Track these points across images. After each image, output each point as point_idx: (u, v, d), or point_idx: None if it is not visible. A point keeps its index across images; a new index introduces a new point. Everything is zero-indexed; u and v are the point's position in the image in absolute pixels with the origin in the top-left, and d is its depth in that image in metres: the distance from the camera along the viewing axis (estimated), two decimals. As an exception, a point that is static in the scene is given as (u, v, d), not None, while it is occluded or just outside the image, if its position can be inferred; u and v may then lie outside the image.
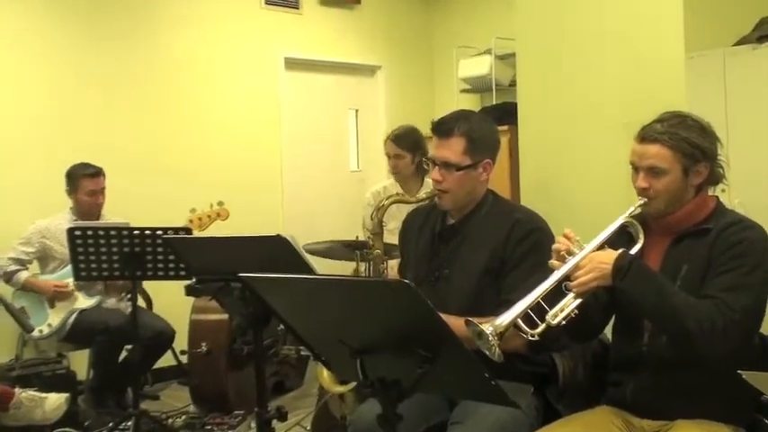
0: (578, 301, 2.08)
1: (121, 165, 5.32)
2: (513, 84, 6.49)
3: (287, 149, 6.54)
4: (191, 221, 4.39)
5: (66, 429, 3.83)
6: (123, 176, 5.21)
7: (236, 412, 4.38)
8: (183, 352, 4.68)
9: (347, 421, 2.89)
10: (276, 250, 2.38)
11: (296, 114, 6.65)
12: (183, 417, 4.47)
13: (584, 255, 2.11)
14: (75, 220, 4.68)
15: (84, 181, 4.73)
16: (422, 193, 2.94)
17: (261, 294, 2.01)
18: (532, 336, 2.03)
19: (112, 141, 5.54)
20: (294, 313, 2.02)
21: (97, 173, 4.77)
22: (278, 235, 2.33)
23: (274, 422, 2.67)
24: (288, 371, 5.03)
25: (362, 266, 3.76)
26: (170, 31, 5.95)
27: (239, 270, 2.00)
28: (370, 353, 1.84)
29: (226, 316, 4.54)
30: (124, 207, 4.93)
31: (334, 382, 2.94)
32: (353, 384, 2.86)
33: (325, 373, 2.91)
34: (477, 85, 6.80)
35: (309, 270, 2.37)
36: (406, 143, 4.38)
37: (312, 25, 6.70)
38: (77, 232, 3.97)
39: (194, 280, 2.62)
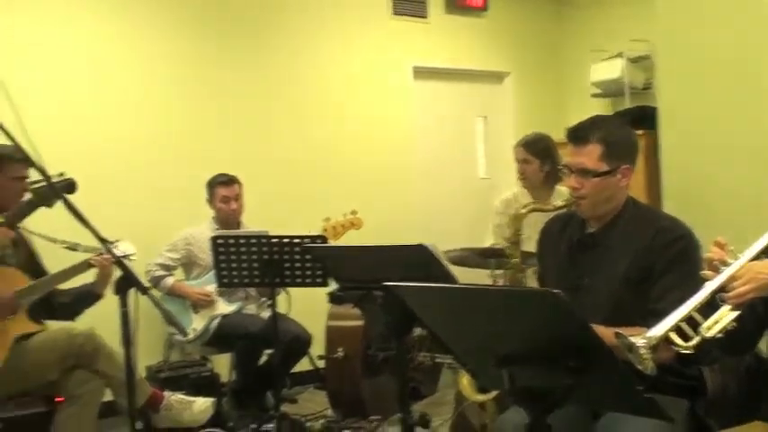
0: (735, 313, 2.01)
1: (258, 175, 5.50)
2: (647, 87, 6.33)
3: (417, 158, 6.60)
4: (325, 230, 4.47)
5: (214, 430, 3.97)
6: (260, 186, 5.39)
7: (372, 417, 4.44)
8: (320, 357, 4.78)
9: (488, 430, 2.89)
10: (417, 259, 2.41)
11: (425, 123, 6.71)
12: (321, 420, 4.57)
13: (741, 264, 2.03)
14: (217, 229, 4.85)
15: (218, 188, 4.93)
16: (558, 201, 2.91)
17: (406, 303, 2.04)
18: (686, 349, 1.97)
19: (250, 152, 5.73)
20: (439, 321, 2.04)
21: (231, 180, 4.95)
22: (420, 244, 2.36)
23: (417, 429, 2.69)
24: (422, 377, 5.06)
25: (497, 275, 3.75)
26: (300, 42, 6.10)
27: (381, 278, 2.03)
28: (517, 362, 1.84)
29: (361, 322, 4.62)
30: (261, 216, 5.09)
31: (475, 390, 2.94)
32: (495, 393, 2.86)
33: (466, 381, 2.92)
34: (609, 90, 6.67)
35: (451, 279, 2.39)
36: (535, 149, 4.35)
37: (439, 33, 6.74)
38: (220, 241, 4.13)
39: (337, 288, 2.68)
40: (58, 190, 2.41)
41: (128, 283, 2.26)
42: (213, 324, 4.74)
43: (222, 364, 5.04)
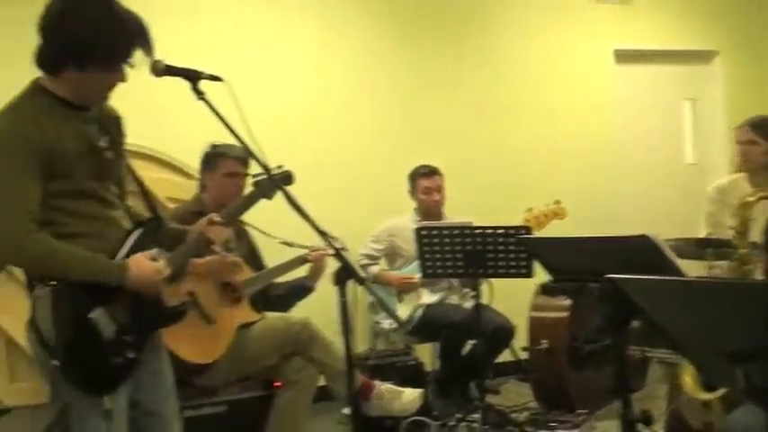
0: None
1: (461, 165, 5.52)
2: None
3: (619, 143, 6.37)
4: (527, 220, 4.42)
5: (421, 418, 4.02)
6: (463, 176, 5.41)
7: (579, 411, 4.34)
8: (524, 348, 4.73)
9: (714, 430, 2.75)
10: (640, 250, 2.31)
11: (627, 107, 6.46)
12: (526, 413, 4.52)
13: None
14: (419, 220, 4.90)
15: (420, 180, 4.98)
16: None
17: (628, 296, 1.96)
18: None
19: (452, 143, 5.76)
20: (664, 315, 1.95)
21: (432, 172, 4.99)
22: (644, 235, 2.27)
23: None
24: (630, 372, 4.88)
25: (716, 266, 3.54)
26: (502, 30, 6.09)
27: (598, 270, 1.97)
28: (753, 360, 1.72)
29: (566, 314, 4.53)
30: (462, 207, 5.09)
31: (700, 387, 2.80)
32: (722, 391, 2.71)
33: (689, 377, 2.79)
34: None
35: (677, 271, 2.28)
36: (764, 131, 4.08)
37: (643, 14, 6.46)
38: (424, 232, 4.18)
39: (549, 279, 2.63)
40: (278, 181, 2.51)
41: (346, 274, 2.32)
42: (417, 313, 4.79)
43: (425, 354, 5.09)
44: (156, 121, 4.80)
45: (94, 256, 2.37)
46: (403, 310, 4.80)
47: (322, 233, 2.38)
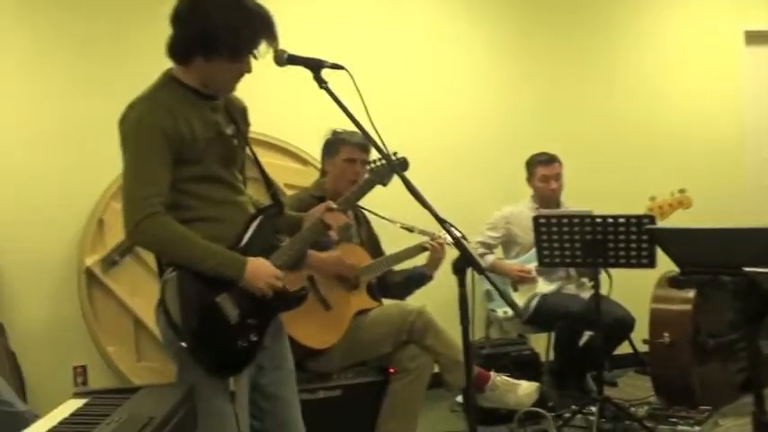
0: None
1: (578, 152, 5.40)
2: None
3: (748, 130, 6.09)
4: (650, 210, 4.29)
5: (536, 409, 3.97)
6: (580, 164, 5.29)
7: (703, 407, 4.19)
8: (644, 341, 4.59)
9: None
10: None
11: (757, 92, 6.16)
12: (646, 407, 4.40)
13: None
14: (537, 208, 4.85)
15: (538, 167, 4.91)
16: None
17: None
18: None
19: (570, 130, 5.64)
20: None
21: (551, 159, 4.91)
22: (782, 226, 2.15)
23: None
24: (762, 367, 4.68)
25: None
26: (624, 13, 5.92)
27: (730, 262, 1.87)
28: None
29: (689, 306, 4.37)
30: (580, 195, 5.02)
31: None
32: None
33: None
34: None
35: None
36: None
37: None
38: (542, 220, 4.11)
39: (677, 271, 2.53)
40: (395, 167, 2.50)
41: (465, 262, 2.29)
42: (533, 303, 4.72)
43: (540, 344, 5.03)
44: (275, 109, 4.88)
45: (216, 249, 2.44)
46: (518, 299, 4.74)
47: (441, 221, 2.36)
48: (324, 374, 3.68)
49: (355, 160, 3.80)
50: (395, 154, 3.23)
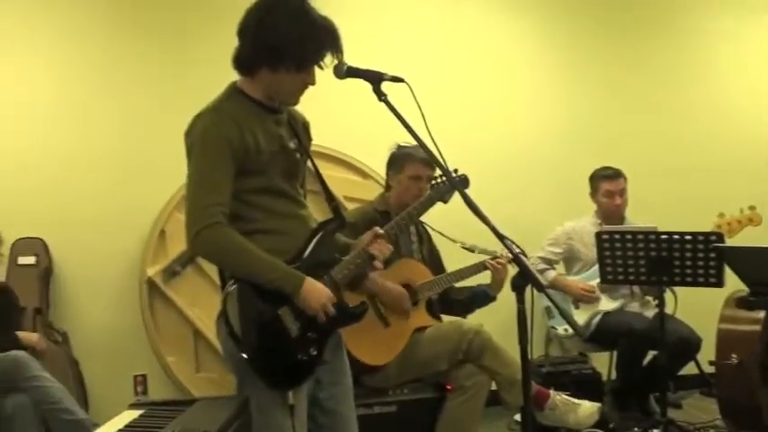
0: None
1: (644, 167, 5.30)
2: None
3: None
4: (718, 227, 4.16)
5: (596, 430, 3.87)
6: (645, 179, 5.19)
7: (774, 432, 4.03)
8: (710, 362, 4.45)
9: None
10: None
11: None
12: (712, 430, 4.26)
13: None
14: (600, 224, 4.77)
15: (602, 182, 4.81)
16: None
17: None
18: None
19: (635, 143, 5.54)
20: None
21: (615, 174, 4.80)
22: None
23: None
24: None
25: None
26: (691, 32, 5.82)
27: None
28: None
29: (758, 327, 4.21)
30: (645, 211, 4.92)
31: None
32: None
33: None
34: None
35: None
36: None
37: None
38: (605, 236, 4.02)
39: (747, 291, 2.43)
40: (456, 184, 2.46)
41: (525, 279, 2.23)
42: (595, 320, 4.63)
43: (602, 363, 4.91)
44: (336, 121, 4.89)
45: (275, 263, 2.44)
46: (579, 317, 4.65)
47: (500, 236, 2.31)
48: (380, 390, 3.66)
49: (421, 177, 3.77)
50: (455, 171, 3.20)
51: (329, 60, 2.48)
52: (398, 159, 3.87)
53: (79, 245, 4.69)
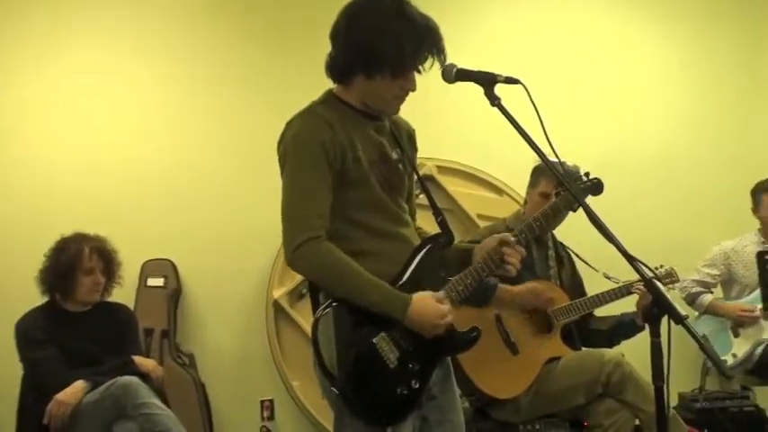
0: None
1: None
2: None
3: None
4: None
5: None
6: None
7: None
8: None
9: None
10: None
11: None
12: None
13: None
14: (764, 243, 4.37)
15: (765, 195, 4.38)
16: None
17: None
18: None
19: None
20: None
21: None
22: None
23: None
24: None
25: None
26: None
27: None
28: None
29: None
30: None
31: None
32: None
33: None
34: None
35: None
36: None
37: None
38: (768, 257, 3.58)
39: None
40: (580, 192, 2.12)
41: (660, 309, 1.89)
42: (759, 350, 4.17)
43: (766, 399, 4.38)
44: (466, 135, 4.68)
45: (380, 283, 2.21)
46: (740, 346, 4.23)
47: (631, 259, 1.98)
48: (509, 425, 3.39)
49: (550, 196, 3.46)
50: (587, 174, 2.89)
51: (430, 64, 2.24)
52: (536, 173, 3.65)
53: (207, 266, 4.65)
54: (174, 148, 4.72)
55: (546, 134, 2.15)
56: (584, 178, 2.86)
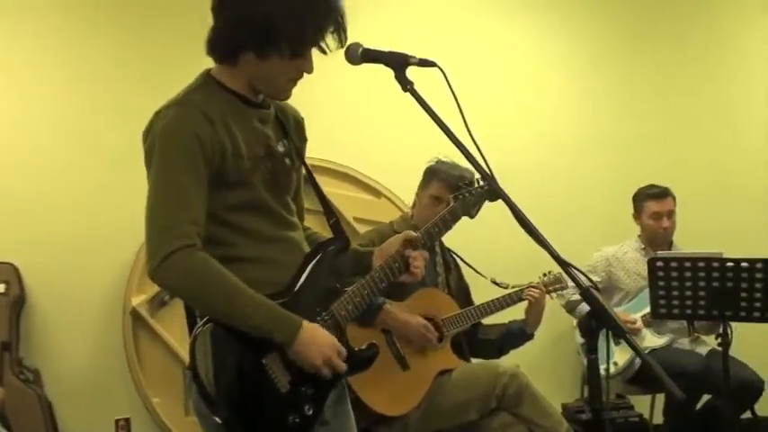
0: None
1: (693, 185, 4.82)
2: None
3: None
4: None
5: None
6: (695, 199, 4.73)
7: None
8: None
9: None
10: None
11: None
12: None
13: None
14: (643, 248, 4.36)
15: (648, 202, 4.36)
16: None
17: None
18: None
19: (683, 158, 5.02)
20: None
21: (663, 193, 4.36)
22: None
23: None
24: None
25: None
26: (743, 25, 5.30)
27: None
28: None
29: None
30: (697, 235, 4.45)
31: None
32: None
33: None
34: None
35: None
36: None
37: None
38: (659, 263, 3.53)
39: None
40: (501, 193, 1.89)
41: (600, 321, 1.68)
42: (638, 359, 4.08)
43: (645, 406, 4.40)
44: (341, 131, 4.45)
45: (265, 302, 1.91)
46: (620, 355, 4.13)
47: (564, 264, 1.77)
48: (396, 443, 3.17)
49: (441, 200, 3.30)
50: (478, 180, 2.71)
51: (331, 42, 1.96)
52: (428, 174, 3.45)
53: (54, 270, 4.21)
54: (14, 138, 4.26)
55: (466, 124, 1.91)
56: (475, 184, 2.70)
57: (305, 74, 2.00)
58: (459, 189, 2.95)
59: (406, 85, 1.96)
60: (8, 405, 3.47)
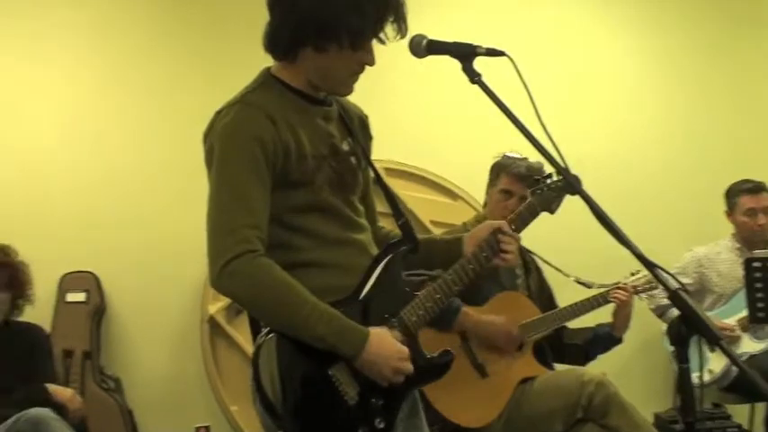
0: None
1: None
2: None
3: None
4: None
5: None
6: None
7: None
8: None
9: None
10: None
11: None
12: None
13: None
14: (739, 248, 4.16)
15: (742, 198, 4.16)
16: None
17: None
18: None
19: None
20: None
21: (758, 188, 4.16)
22: None
23: None
24: None
25: None
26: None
27: None
28: None
29: None
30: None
31: None
32: None
33: None
34: None
35: None
36: None
37: None
38: (756, 264, 3.28)
39: None
40: (578, 189, 1.78)
41: (691, 328, 1.54)
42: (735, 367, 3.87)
43: (744, 416, 4.21)
44: (413, 132, 4.42)
45: (330, 313, 1.83)
46: (716, 362, 3.94)
47: (650, 265, 1.62)
48: (476, 455, 3.07)
49: (512, 194, 3.17)
50: (550, 175, 2.60)
51: (391, 32, 1.88)
52: (496, 169, 3.32)
53: (134, 279, 4.27)
54: (94, 150, 4.34)
55: (539, 116, 1.79)
56: (554, 177, 2.57)
57: (366, 67, 1.93)
58: (529, 181, 2.85)
59: (474, 77, 1.86)
60: (90, 413, 3.46)
